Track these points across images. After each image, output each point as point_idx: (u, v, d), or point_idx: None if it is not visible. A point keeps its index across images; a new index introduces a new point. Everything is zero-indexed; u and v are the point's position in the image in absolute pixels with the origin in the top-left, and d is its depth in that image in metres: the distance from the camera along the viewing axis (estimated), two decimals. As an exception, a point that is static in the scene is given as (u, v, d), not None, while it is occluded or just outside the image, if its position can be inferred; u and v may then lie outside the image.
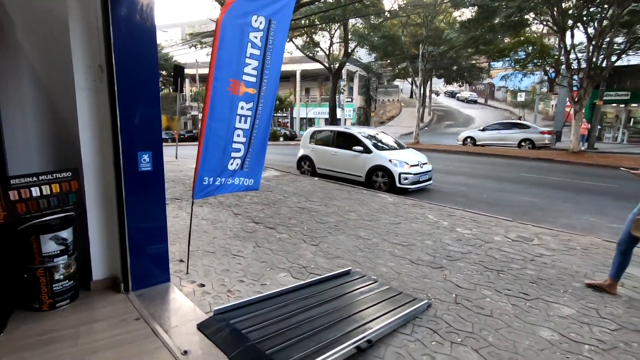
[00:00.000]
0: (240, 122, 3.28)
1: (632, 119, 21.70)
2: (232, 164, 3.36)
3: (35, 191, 2.33)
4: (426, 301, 2.85)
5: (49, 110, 2.67)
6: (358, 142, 8.37)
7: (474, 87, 48.86)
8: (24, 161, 2.55)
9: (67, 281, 2.45)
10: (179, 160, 11.85)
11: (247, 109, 3.29)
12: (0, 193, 2.19)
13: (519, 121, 21.37)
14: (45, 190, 2.37)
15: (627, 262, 3.22)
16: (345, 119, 32.07)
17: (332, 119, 24.65)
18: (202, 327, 2.30)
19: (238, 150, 3.35)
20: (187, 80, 33.34)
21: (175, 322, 2.37)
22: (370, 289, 3.03)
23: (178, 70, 11.99)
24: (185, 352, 2.03)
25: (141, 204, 2.66)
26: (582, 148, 16.45)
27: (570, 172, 11.18)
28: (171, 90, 15.51)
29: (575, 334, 2.52)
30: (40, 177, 2.37)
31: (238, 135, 3.30)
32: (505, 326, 2.60)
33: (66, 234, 2.42)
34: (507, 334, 2.50)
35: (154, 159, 2.68)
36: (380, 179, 7.93)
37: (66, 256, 2.43)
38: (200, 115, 34.35)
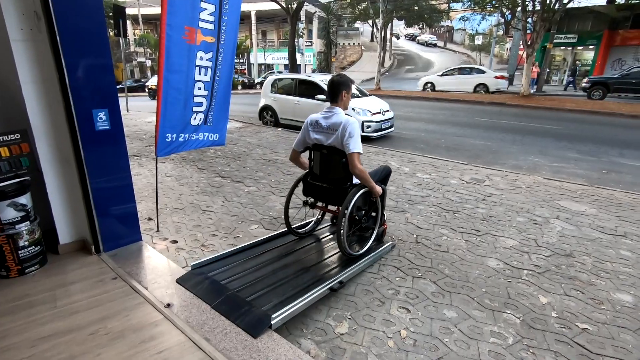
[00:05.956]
0: (200, 74, 3.12)
1: (578, 62, 22.89)
2: (194, 118, 3.24)
3: (-19, 156, 2.17)
4: (390, 243, 3.11)
5: (-19, 65, 2.38)
6: (321, 90, 8.23)
7: (434, 30, 48.43)
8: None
9: (34, 247, 2.38)
10: (131, 114, 11.12)
11: (206, 60, 3.11)
12: (-59, 160, 2.02)
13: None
14: (-7, 154, 2.21)
15: None
16: (306, 65, 30.91)
17: (292, 65, 23.65)
18: (181, 281, 2.38)
19: (200, 104, 3.22)
20: (128, 22, 29.98)
21: (154, 278, 2.43)
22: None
23: (118, 10, 10.77)
24: (169, 305, 2.12)
25: (103, 165, 2.55)
26: (532, 91, 17.31)
27: (519, 115, 11.86)
28: (112, 35, 13.96)
29: (517, 262, 2.90)
30: (-15, 141, 2.18)
31: (199, 89, 3.16)
32: (459, 259, 2.93)
33: (25, 199, 2.31)
34: (461, 266, 2.83)
35: (111, 116, 2.53)
36: (343, 128, 7.97)
37: (28, 222, 2.34)
38: (148, 62, 31.62)
